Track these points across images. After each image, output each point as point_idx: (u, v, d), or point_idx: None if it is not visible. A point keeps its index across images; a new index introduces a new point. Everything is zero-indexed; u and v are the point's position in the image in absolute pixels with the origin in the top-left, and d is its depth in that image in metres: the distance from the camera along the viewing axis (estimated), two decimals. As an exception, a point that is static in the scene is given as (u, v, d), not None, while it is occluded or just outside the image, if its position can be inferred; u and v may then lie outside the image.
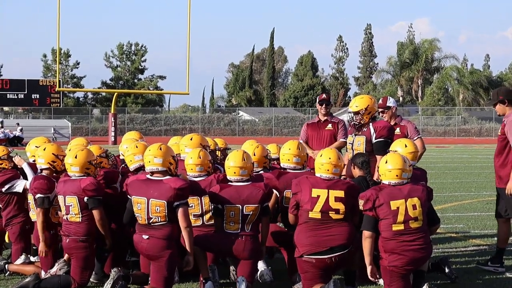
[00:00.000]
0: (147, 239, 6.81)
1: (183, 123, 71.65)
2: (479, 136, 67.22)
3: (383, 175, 6.82)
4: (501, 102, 8.42)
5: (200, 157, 7.43)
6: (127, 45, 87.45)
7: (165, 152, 6.94)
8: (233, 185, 7.12)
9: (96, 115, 75.42)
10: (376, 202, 6.68)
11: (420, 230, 6.71)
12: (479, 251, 9.81)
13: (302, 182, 6.93)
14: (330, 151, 7.07)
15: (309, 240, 6.79)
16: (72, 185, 7.26)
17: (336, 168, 6.94)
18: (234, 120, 73.10)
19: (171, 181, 6.78)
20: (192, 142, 8.03)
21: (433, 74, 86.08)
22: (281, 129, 71.77)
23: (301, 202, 6.88)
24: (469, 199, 16.01)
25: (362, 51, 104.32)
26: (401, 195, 6.68)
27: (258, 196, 7.02)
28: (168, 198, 6.72)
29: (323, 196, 6.80)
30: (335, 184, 6.88)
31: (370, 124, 8.34)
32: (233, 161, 7.17)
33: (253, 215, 7.01)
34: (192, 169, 7.44)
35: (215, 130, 70.40)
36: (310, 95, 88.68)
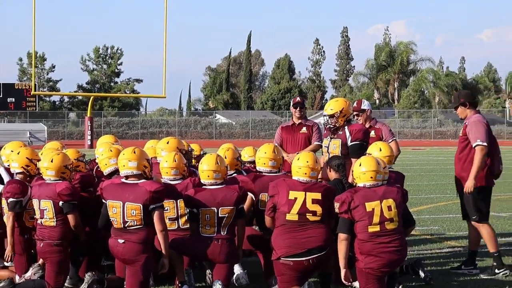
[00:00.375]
0: (122, 243, 6.78)
1: (160, 127, 71.44)
2: (455, 138, 67.61)
3: (357, 178, 6.86)
4: (462, 105, 8.55)
5: (175, 160, 7.44)
6: (103, 48, 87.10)
7: (139, 156, 6.92)
8: (207, 188, 7.11)
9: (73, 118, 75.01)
10: (352, 204, 6.70)
11: (396, 232, 6.74)
12: (454, 253, 9.87)
13: (279, 184, 6.95)
14: (307, 154, 7.09)
15: (286, 242, 6.80)
16: (47, 189, 7.21)
17: (313, 171, 6.97)
18: (211, 124, 73.04)
19: (146, 184, 6.77)
20: (169, 145, 8.04)
21: (409, 76, 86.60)
22: (258, 132, 71.79)
23: (278, 204, 6.89)
24: (444, 201, 16.12)
25: (338, 54, 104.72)
26: (376, 196, 6.71)
27: (232, 198, 7.02)
28: (144, 201, 6.70)
29: (300, 198, 6.83)
30: (312, 186, 6.91)
31: (345, 127, 8.31)
32: (206, 165, 7.18)
33: (228, 217, 7.01)
34: (167, 173, 7.45)
35: (192, 134, 70.27)
36: (287, 98, 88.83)
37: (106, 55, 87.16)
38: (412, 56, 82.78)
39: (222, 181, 7.19)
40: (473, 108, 8.54)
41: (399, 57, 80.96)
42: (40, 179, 7.42)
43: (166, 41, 42.23)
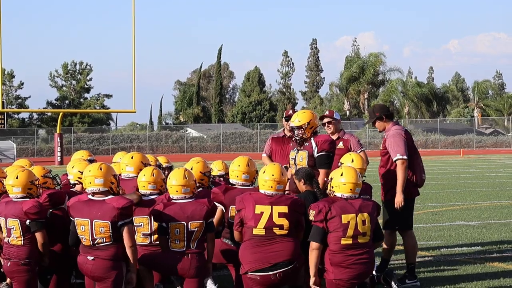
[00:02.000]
0: (92, 260, 6.73)
1: (131, 141, 71.17)
2: (425, 148, 68.21)
3: (336, 187, 6.89)
4: (379, 119, 8.68)
5: (153, 174, 7.41)
6: (72, 64, 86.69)
7: (105, 172, 6.86)
8: (176, 202, 7.09)
9: (42, 135, 74.44)
10: (328, 214, 6.75)
11: (366, 245, 6.82)
12: (425, 262, 9.94)
13: (245, 199, 6.95)
14: (273, 167, 7.08)
15: (253, 256, 6.80)
16: (13, 207, 7.12)
17: (279, 184, 6.97)
18: (182, 137, 72.91)
19: (113, 201, 6.71)
20: (133, 160, 8.02)
21: (379, 87, 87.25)
22: (230, 145, 71.79)
23: (245, 218, 6.90)
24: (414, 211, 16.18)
25: (308, 66, 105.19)
26: (353, 209, 6.77)
27: (202, 212, 6.99)
28: (112, 218, 6.64)
29: (267, 212, 6.83)
30: (279, 199, 6.91)
31: (311, 139, 8.34)
32: (174, 180, 7.14)
33: (198, 231, 6.98)
34: (144, 187, 7.40)
35: (163, 148, 70.06)
36: (258, 111, 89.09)
37: (74, 70, 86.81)
38: (381, 67, 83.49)
39: (191, 195, 7.16)
40: (389, 120, 8.65)
41: (370, 68, 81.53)
42: (6, 197, 7.34)
43: (134, 56, 42.17)
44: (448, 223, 14.07)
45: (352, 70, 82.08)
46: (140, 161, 8.01)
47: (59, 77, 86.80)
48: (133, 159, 8.03)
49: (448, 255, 10.54)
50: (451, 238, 12.12)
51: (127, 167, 7.97)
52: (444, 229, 13.26)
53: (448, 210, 16.40)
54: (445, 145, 69.27)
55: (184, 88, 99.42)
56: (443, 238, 12.16)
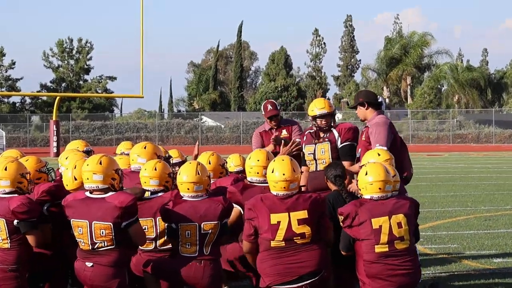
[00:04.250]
0: (91, 266, 6.73)
1: (137, 131, 71.43)
2: (477, 142, 67.84)
3: (363, 189, 6.83)
4: (361, 104, 8.65)
5: (155, 168, 7.36)
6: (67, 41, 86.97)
7: (106, 167, 6.81)
8: (188, 200, 7.08)
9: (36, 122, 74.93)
10: (356, 220, 6.70)
11: (408, 252, 6.74)
12: (476, 275, 9.87)
13: (257, 206, 6.88)
14: (282, 164, 6.99)
15: (274, 269, 6.78)
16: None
17: (292, 183, 6.91)
18: (197, 127, 73.04)
19: (114, 199, 6.66)
20: (146, 151, 8.00)
21: (424, 72, 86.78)
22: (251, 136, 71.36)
23: (260, 229, 6.86)
24: (464, 215, 16.12)
25: (342, 47, 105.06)
26: (385, 211, 6.71)
27: (217, 211, 6.97)
28: (114, 219, 6.62)
29: (284, 222, 6.79)
30: (296, 203, 6.86)
31: (331, 129, 8.61)
32: (185, 175, 7.10)
33: (212, 234, 6.96)
34: (145, 182, 7.38)
35: (175, 139, 70.27)
36: (284, 97, 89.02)
37: (72, 49, 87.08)
38: (427, 48, 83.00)
39: (205, 193, 7.14)
40: (374, 108, 8.63)
41: (417, 49, 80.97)
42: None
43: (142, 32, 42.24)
44: (504, 230, 13.99)
45: (393, 52, 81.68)
46: (153, 152, 8.00)
47: (55, 56, 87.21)
48: (146, 149, 8.01)
49: (503, 267, 10.47)
50: (507, 247, 12.05)
51: (139, 158, 7.95)
52: (499, 236, 13.18)
53: (503, 214, 16.28)
54: (500, 139, 68.79)
55: (199, 71, 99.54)
56: (497, 247, 12.09)
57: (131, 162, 8.07)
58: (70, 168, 7.46)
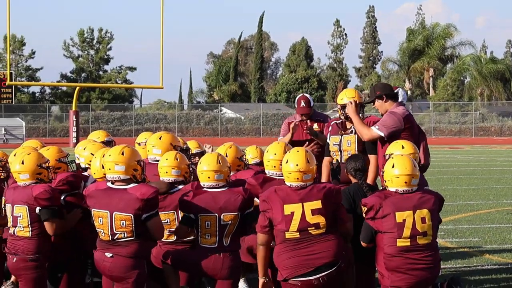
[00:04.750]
0: (110, 257, 6.75)
1: (157, 122, 71.61)
2: (500, 135, 67.46)
3: (389, 181, 6.82)
4: (379, 97, 8.58)
5: (177, 158, 7.40)
6: (89, 31, 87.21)
7: (128, 157, 6.82)
8: (208, 191, 7.11)
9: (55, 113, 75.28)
10: (380, 212, 6.70)
11: (429, 247, 6.74)
12: (497, 269, 9.84)
13: (271, 198, 6.87)
14: (296, 155, 6.96)
15: (290, 261, 6.76)
16: (22, 192, 7.14)
17: (306, 174, 6.87)
18: (216, 118, 73.10)
19: (136, 190, 6.69)
20: (162, 141, 8.00)
21: (447, 63, 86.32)
22: (271, 128, 71.76)
23: (274, 221, 6.84)
24: (486, 208, 16.07)
25: (364, 38, 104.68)
26: (409, 205, 6.70)
27: (237, 202, 7.01)
28: (135, 211, 6.64)
29: (298, 212, 6.77)
30: (309, 193, 6.83)
31: None
32: (206, 165, 7.15)
33: (232, 225, 6.99)
34: (167, 172, 7.39)
35: (194, 130, 70.40)
36: (305, 89, 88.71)
37: (92, 39, 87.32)
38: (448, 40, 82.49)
39: (225, 183, 7.18)
40: (392, 100, 8.59)
41: (440, 40, 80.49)
42: (15, 182, 7.38)
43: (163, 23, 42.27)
44: (526, 224, 13.94)
45: (415, 43, 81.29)
46: (169, 143, 7.97)
47: (75, 46, 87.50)
48: (162, 140, 8.00)
49: (525, 261, 10.42)
50: (530, 242, 12.01)
51: (154, 149, 7.95)
52: (522, 230, 13.14)
53: (526, 208, 16.22)
54: (524, 132, 68.42)
55: (219, 62, 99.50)
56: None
57: (147, 153, 8.07)
58: (99, 157, 7.51)
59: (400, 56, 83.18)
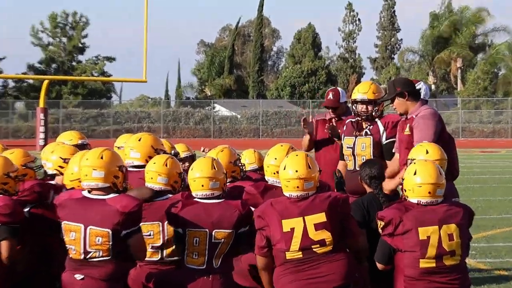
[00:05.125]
0: (81, 279, 6.71)
1: (139, 121, 71.77)
2: (540, 137, 67.52)
3: (410, 191, 6.78)
4: (400, 95, 8.54)
5: (166, 164, 7.37)
6: (62, 15, 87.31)
7: (108, 162, 6.79)
8: (200, 202, 7.08)
9: (20, 110, 75.40)
10: (399, 227, 6.65)
11: (457, 269, 6.71)
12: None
13: (266, 213, 6.84)
14: (295, 159, 6.95)
15: (294, 285, 6.75)
16: None
17: (308, 181, 6.84)
18: (208, 117, 73.26)
19: (117, 201, 6.65)
20: (141, 144, 7.95)
21: (477, 53, 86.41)
22: (272, 128, 71.95)
23: (272, 239, 6.82)
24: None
25: (380, 24, 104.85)
26: (435, 219, 6.66)
27: (232, 217, 6.95)
28: (114, 226, 6.61)
29: (299, 228, 6.73)
30: (311, 204, 6.80)
31: (376, 120, 8.67)
32: (199, 171, 7.09)
33: (224, 244, 6.95)
34: (152, 178, 7.36)
35: (183, 131, 70.57)
36: (311, 83, 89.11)
37: (65, 24, 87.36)
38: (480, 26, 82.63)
39: (221, 193, 7.15)
40: (414, 99, 8.59)
41: (467, 28, 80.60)
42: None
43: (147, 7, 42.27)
44: None
45: (440, 30, 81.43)
46: (150, 145, 7.93)
47: (45, 32, 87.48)
48: (141, 142, 7.94)
49: None
50: None
51: (132, 152, 7.88)
52: None
53: None
54: None
55: (212, 52, 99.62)
56: None
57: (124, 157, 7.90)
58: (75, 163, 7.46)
59: (422, 45, 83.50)
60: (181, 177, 7.48)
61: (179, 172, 7.47)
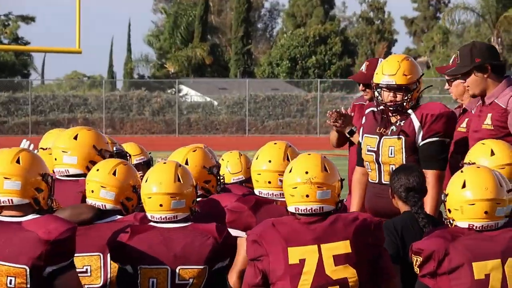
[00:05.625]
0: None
1: (71, 110, 71.70)
2: None
3: (457, 211, 6.76)
4: (479, 69, 8.63)
5: (114, 173, 7.45)
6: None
7: (26, 169, 6.78)
8: (157, 227, 7.12)
9: None
10: (445, 263, 6.65)
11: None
12: None
13: (265, 237, 6.80)
14: (307, 159, 6.96)
15: None
16: None
17: (323, 190, 6.82)
18: (172, 104, 73.13)
19: (38, 225, 6.68)
20: (78, 143, 7.98)
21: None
22: (263, 120, 71.92)
23: (272, 275, 6.80)
24: None
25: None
26: (495, 250, 6.67)
27: (204, 249, 6.99)
28: (34, 261, 6.64)
29: (312, 261, 6.72)
30: (331, 228, 6.80)
31: (410, 112, 8.59)
32: (157, 184, 7.11)
33: (194, 286, 7.05)
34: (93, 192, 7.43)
35: (135, 124, 70.61)
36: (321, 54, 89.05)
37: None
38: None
39: (187, 214, 7.17)
40: (498, 77, 8.65)
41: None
42: None
43: None
44: None
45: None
46: (91, 146, 8.01)
47: None
48: (78, 140, 8.00)
49: None
50: None
51: (65, 156, 7.94)
52: None
53: None
54: None
55: (175, 9, 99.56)
56: None
57: (53, 163, 8.05)
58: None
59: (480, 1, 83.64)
60: (136, 191, 7.51)
61: (134, 184, 7.54)
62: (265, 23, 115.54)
